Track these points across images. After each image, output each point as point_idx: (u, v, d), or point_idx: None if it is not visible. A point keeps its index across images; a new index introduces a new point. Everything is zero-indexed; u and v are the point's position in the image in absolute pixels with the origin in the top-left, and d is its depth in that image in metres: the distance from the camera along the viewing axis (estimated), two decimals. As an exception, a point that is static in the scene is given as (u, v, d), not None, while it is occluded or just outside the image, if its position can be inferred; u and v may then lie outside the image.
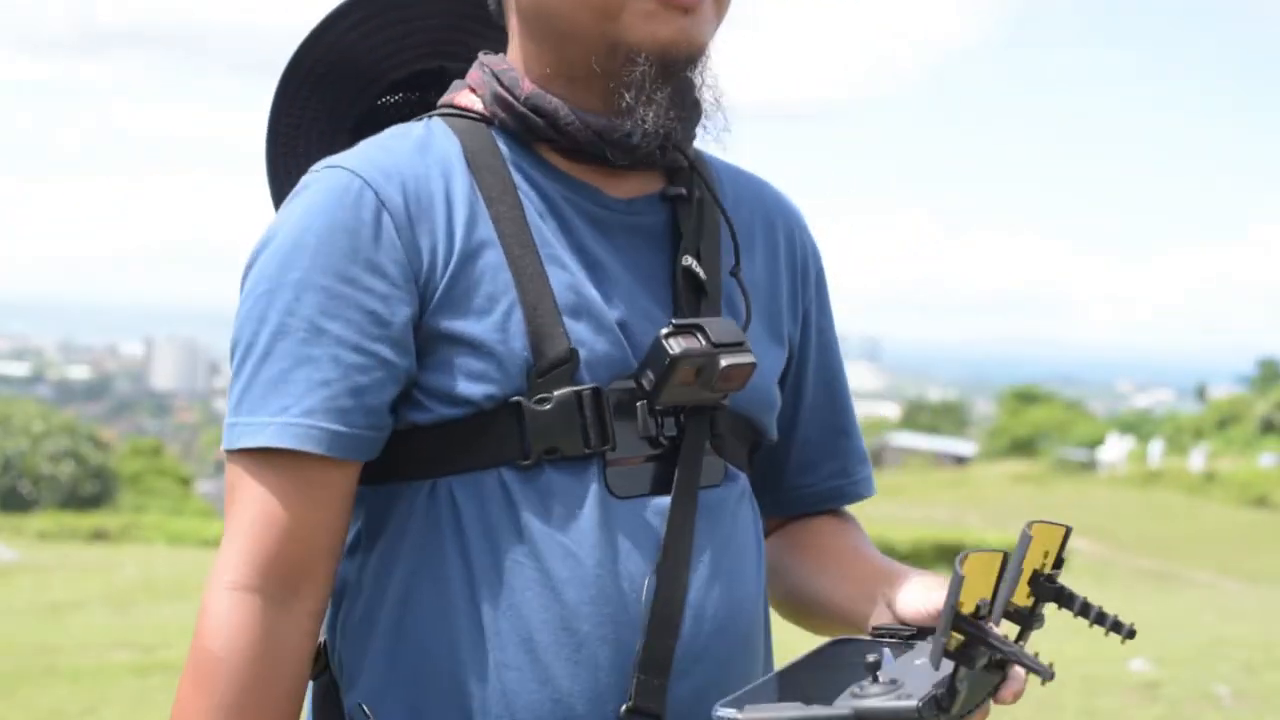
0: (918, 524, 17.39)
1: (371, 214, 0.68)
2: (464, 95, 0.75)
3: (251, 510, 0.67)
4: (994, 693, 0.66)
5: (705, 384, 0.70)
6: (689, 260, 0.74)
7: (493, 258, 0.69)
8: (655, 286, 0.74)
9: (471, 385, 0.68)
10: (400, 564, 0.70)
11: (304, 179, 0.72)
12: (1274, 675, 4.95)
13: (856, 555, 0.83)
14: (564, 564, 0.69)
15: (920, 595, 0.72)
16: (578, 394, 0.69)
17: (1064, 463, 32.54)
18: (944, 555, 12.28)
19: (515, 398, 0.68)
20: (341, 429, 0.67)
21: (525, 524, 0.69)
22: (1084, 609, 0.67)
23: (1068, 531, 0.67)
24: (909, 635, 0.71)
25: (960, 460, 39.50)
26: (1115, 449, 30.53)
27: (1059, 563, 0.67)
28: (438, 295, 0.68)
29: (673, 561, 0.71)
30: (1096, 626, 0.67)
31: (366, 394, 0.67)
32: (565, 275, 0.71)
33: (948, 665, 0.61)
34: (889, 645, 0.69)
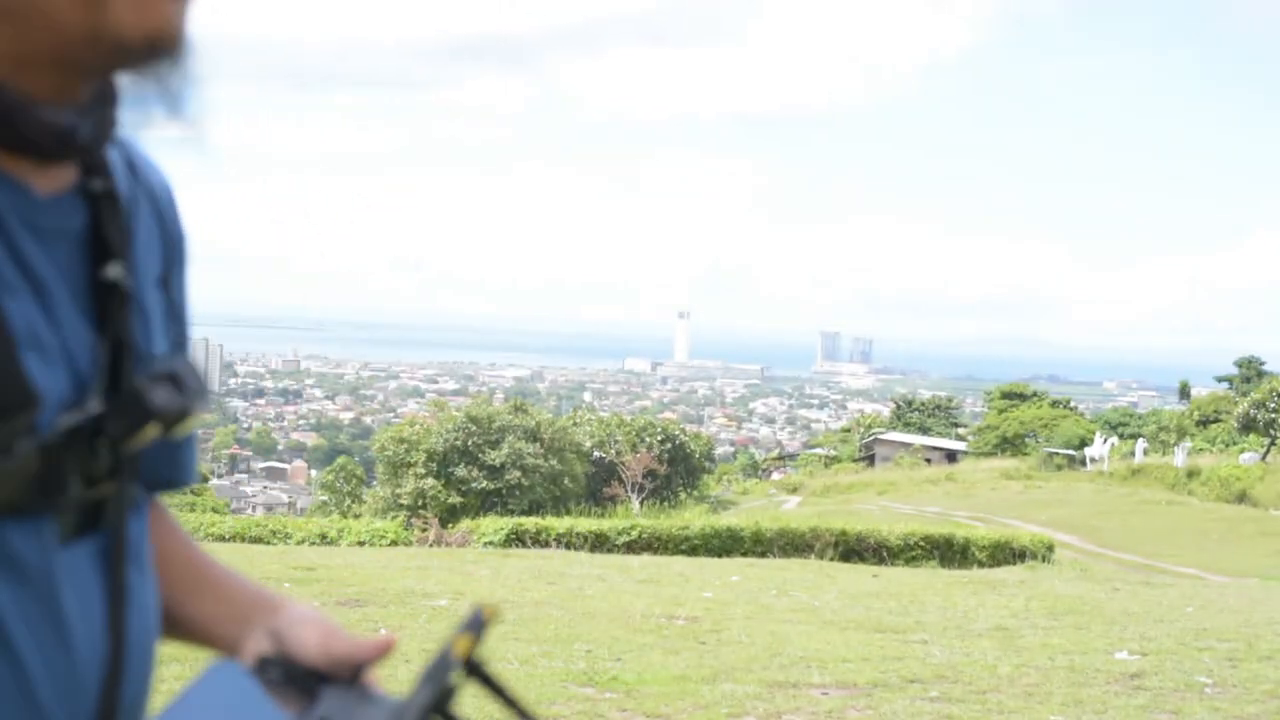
0: (908, 519, 17.55)
1: None
2: None
3: None
4: None
5: (168, 430, 0.68)
6: (116, 272, 0.67)
7: None
8: (81, 300, 0.66)
9: None
10: None
11: None
12: (1255, 666, 5.08)
13: (203, 563, 0.80)
14: (33, 639, 0.62)
15: (320, 638, 0.70)
16: (42, 447, 0.62)
17: (1051, 459, 32.80)
18: (934, 548, 12.44)
19: None
20: None
21: None
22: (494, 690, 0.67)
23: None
24: (303, 672, 0.69)
25: (950, 457, 39.72)
26: (1101, 446, 30.79)
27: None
28: None
29: (118, 613, 0.67)
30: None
31: None
32: (17, 302, 0.63)
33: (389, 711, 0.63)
34: (281, 683, 0.68)
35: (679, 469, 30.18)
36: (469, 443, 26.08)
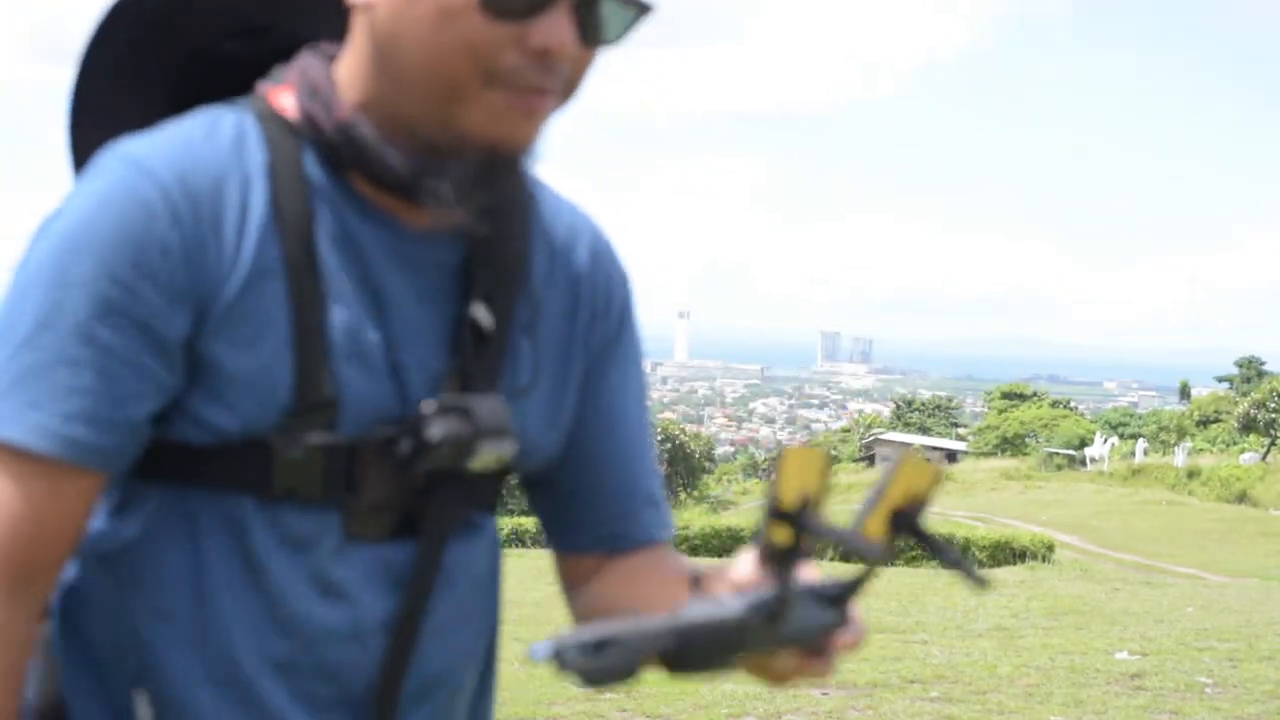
0: (907, 520, 17.48)
1: (161, 225, 0.64)
2: (282, 94, 0.71)
3: None
4: (829, 633, 0.60)
5: (462, 460, 0.69)
6: (477, 310, 0.71)
7: (275, 288, 0.66)
8: (441, 331, 0.71)
9: (224, 415, 0.66)
10: (133, 565, 0.69)
11: (102, 161, 0.67)
12: (1255, 666, 5.08)
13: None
14: (289, 601, 0.68)
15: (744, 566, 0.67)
16: (328, 447, 0.67)
17: (1051, 459, 32.81)
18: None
19: (265, 436, 0.67)
20: (95, 439, 0.65)
21: (255, 556, 0.68)
22: (938, 549, 0.61)
23: (938, 475, 0.62)
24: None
25: (950, 458, 39.74)
26: (1101, 446, 30.81)
27: (923, 505, 0.61)
28: (212, 319, 0.66)
29: (410, 610, 0.71)
30: (954, 570, 0.61)
31: (128, 405, 0.65)
32: (345, 314, 0.68)
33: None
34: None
35: (679, 469, 30.21)
36: (469, 443, 26.07)
